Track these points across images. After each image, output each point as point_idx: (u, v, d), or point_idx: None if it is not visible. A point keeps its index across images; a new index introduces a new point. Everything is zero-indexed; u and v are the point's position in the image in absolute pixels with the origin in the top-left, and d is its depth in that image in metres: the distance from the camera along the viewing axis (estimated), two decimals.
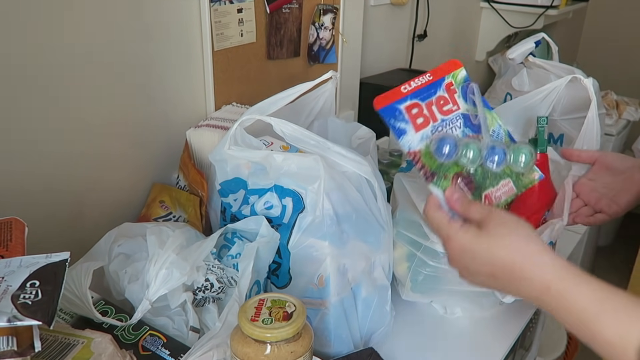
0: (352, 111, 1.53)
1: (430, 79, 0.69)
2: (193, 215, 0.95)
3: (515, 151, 0.68)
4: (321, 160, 0.74)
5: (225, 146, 0.80)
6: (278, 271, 0.80)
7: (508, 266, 0.54)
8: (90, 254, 0.77)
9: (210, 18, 1.02)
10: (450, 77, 0.70)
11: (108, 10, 0.87)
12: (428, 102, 0.69)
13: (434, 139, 0.67)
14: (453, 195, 0.60)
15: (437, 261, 0.86)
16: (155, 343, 0.68)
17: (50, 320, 0.48)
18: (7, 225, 0.64)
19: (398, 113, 0.68)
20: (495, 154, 0.67)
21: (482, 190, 0.68)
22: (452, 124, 0.69)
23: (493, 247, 0.55)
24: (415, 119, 0.68)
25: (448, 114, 0.69)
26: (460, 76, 0.71)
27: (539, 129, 0.89)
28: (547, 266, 0.53)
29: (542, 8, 1.98)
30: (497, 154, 0.67)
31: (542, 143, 0.89)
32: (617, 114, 2.39)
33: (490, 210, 0.58)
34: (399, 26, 1.71)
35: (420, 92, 0.69)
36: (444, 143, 0.66)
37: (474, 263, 0.58)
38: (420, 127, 0.68)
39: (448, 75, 0.70)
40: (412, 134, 0.68)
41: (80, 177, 0.91)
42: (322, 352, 0.80)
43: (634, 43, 3.07)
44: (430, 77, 0.69)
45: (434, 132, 0.68)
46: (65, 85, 0.84)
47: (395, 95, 0.69)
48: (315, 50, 1.31)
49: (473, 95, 0.70)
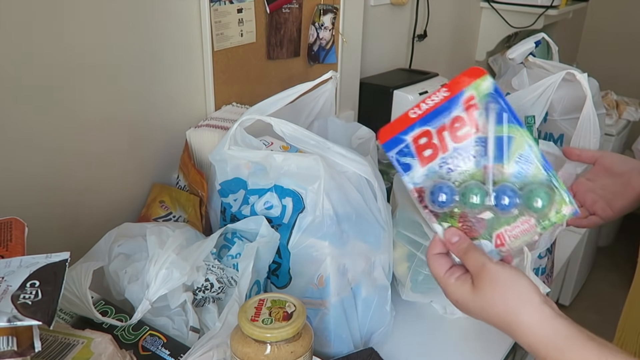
0: (352, 111, 1.53)
1: (446, 95, 0.57)
2: (193, 215, 0.95)
3: (529, 195, 0.56)
4: (321, 160, 0.74)
5: (225, 146, 0.80)
6: (278, 271, 0.80)
7: (504, 325, 0.54)
8: (90, 254, 0.77)
9: (210, 18, 1.02)
10: (472, 89, 0.56)
11: (108, 10, 0.87)
12: (440, 128, 0.57)
13: (427, 187, 0.58)
14: (452, 237, 0.57)
15: None
16: (155, 343, 0.68)
17: (50, 320, 0.48)
18: (7, 225, 0.64)
19: (404, 146, 0.58)
20: (505, 197, 0.56)
21: (494, 230, 0.58)
22: (465, 153, 0.57)
23: (486, 308, 0.55)
24: (421, 152, 0.58)
25: (462, 141, 0.57)
26: (484, 87, 0.56)
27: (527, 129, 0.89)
28: (539, 335, 0.51)
29: (542, 8, 1.98)
30: (507, 196, 0.56)
31: None
32: (617, 114, 2.39)
33: (483, 264, 0.55)
34: (399, 26, 1.71)
35: (433, 114, 0.57)
36: (440, 192, 0.57)
37: (471, 314, 0.58)
38: (428, 161, 0.58)
39: (468, 88, 0.56)
40: (417, 168, 0.58)
41: (80, 178, 0.91)
42: (322, 352, 0.80)
43: (634, 43, 3.07)
44: (447, 92, 0.57)
45: (442, 165, 0.58)
46: (65, 86, 0.84)
47: (401, 124, 0.59)
48: (315, 50, 1.31)
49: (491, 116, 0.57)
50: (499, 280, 0.54)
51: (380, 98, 1.51)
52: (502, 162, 0.57)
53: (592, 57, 3.17)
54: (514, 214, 0.56)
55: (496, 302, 0.53)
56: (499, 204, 0.56)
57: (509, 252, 0.58)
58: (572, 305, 2.53)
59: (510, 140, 0.56)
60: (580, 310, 2.51)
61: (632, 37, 3.07)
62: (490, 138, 0.56)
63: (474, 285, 0.55)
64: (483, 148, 0.57)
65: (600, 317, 2.47)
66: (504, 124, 0.56)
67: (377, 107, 1.53)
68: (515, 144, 0.56)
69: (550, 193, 0.55)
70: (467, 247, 0.57)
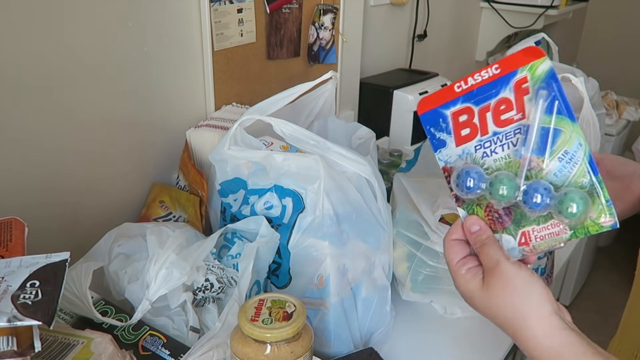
0: (352, 111, 1.54)
1: (496, 72, 0.52)
2: (193, 215, 0.95)
3: (563, 198, 0.50)
4: (321, 160, 0.74)
5: (225, 146, 0.80)
6: (278, 271, 0.80)
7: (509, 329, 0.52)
8: (90, 254, 0.77)
9: (210, 18, 1.02)
10: (526, 70, 0.51)
11: (108, 10, 0.87)
12: (483, 107, 0.53)
13: (455, 170, 0.55)
14: (473, 226, 0.55)
15: (437, 261, 0.86)
16: (155, 343, 0.68)
17: (50, 320, 0.48)
18: (7, 225, 0.64)
19: (442, 120, 0.55)
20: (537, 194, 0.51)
21: (521, 226, 0.54)
22: (505, 139, 0.53)
23: (492, 308, 0.53)
24: (460, 129, 0.55)
25: (505, 125, 0.53)
26: (541, 70, 0.51)
27: None
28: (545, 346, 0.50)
29: (542, 8, 1.98)
30: (540, 194, 0.51)
31: None
32: (617, 114, 2.39)
33: (498, 261, 0.52)
34: (399, 26, 1.72)
35: (479, 91, 0.53)
36: (467, 176, 0.53)
37: (476, 309, 0.56)
38: (464, 141, 0.54)
39: (523, 68, 0.51)
40: (452, 147, 0.55)
41: (80, 178, 0.91)
42: (322, 352, 0.80)
43: (634, 43, 3.07)
44: (498, 69, 0.52)
45: (478, 147, 0.54)
46: (65, 86, 0.84)
47: (444, 96, 0.55)
48: (315, 50, 1.31)
49: (540, 102, 0.52)
50: (510, 281, 0.51)
51: (380, 98, 1.51)
52: (543, 156, 0.51)
53: (592, 57, 3.17)
54: (543, 214, 0.52)
55: (505, 304, 0.52)
56: (529, 201, 0.51)
57: (532, 252, 0.54)
58: (572, 305, 2.53)
59: (557, 134, 0.51)
60: (580, 310, 2.51)
61: (632, 37, 3.07)
62: (535, 127, 0.51)
63: (484, 281, 0.53)
64: (525, 137, 0.52)
65: (600, 317, 2.48)
66: (554, 115, 0.51)
67: (377, 107, 1.53)
68: (562, 138, 0.51)
69: (588, 199, 0.50)
70: (486, 240, 0.54)
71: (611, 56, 3.12)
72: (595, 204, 0.51)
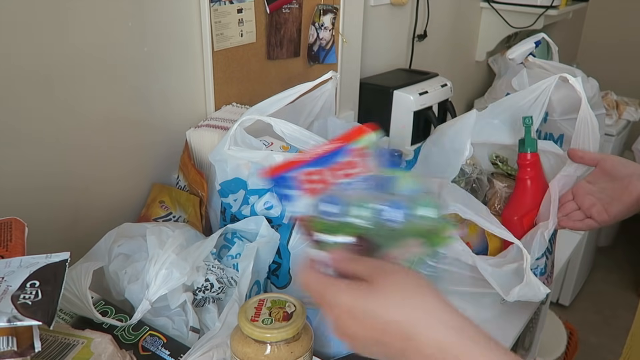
0: (352, 111, 1.54)
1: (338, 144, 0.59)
2: (193, 215, 0.95)
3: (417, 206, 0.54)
4: None
5: (225, 146, 0.80)
6: (278, 271, 0.80)
7: (403, 325, 0.46)
8: (90, 254, 0.77)
9: (210, 18, 1.02)
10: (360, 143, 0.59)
11: (109, 10, 0.87)
12: (330, 168, 0.58)
13: (318, 197, 0.56)
14: (337, 256, 0.51)
15: (437, 261, 0.86)
16: (155, 343, 0.68)
17: (50, 321, 0.48)
18: (7, 225, 0.64)
19: (291, 182, 0.58)
20: (396, 209, 0.54)
21: (382, 252, 0.55)
22: (355, 185, 0.58)
23: (388, 304, 0.47)
24: (309, 185, 0.58)
25: (351, 177, 0.58)
26: (370, 141, 0.59)
27: (525, 129, 0.89)
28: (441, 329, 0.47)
29: (542, 8, 1.98)
30: (398, 208, 0.54)
31: (530, 143, 0.89)
32: (617, 114, 2.39)
33: (378, 262, 0.50)
34: (399, 26, 1.72)
35: (324, 159, 0.58)
36: (330, 200, 0.54)
37: (363, 327, 0.47)
38: (314, 192, 0.58)
39: (355, 142, 0.59)
40: (303, 199, 0.58)
41: (80, 178, 0.91)
42: (322, 352, 0.79)
43: (634, 43, 3.07)
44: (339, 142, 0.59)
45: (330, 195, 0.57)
46: (66, 86, 0.84)
47: (292, 164, 0.59)
48: (315, 51, 1.31)
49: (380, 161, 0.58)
50: (396, 271, 0.49)
51: (380, 98, 1.51)
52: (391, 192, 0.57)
53: (592, 57, 3.17)
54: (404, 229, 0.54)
55: (395, 291, 0.48)
56: (390, 217, 0.54)
57: None
58: (572, 305, 2.53)
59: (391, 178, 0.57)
60: (580, 310, 2.51)
61: (632, 37, 3.07)
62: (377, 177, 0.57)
63: (370, 285, 0.48)
64: (371, 183, 0.57)
65: (600, 317, 2.48)
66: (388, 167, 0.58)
67: (377, 107, 1.53)
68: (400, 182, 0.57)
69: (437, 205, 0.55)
70: (357, 257, 0.51)
71: (611, 56, 3.12)
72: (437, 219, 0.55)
